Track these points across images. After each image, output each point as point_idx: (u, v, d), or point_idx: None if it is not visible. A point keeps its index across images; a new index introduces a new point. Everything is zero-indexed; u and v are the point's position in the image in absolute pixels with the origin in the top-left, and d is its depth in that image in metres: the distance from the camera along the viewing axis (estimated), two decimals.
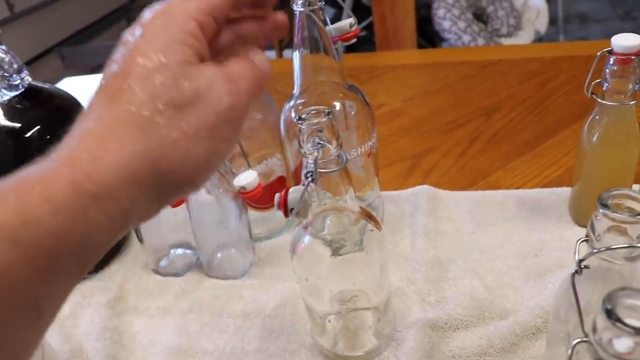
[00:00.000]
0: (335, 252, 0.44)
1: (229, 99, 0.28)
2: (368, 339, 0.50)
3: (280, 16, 0.33)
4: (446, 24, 2.29)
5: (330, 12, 3.00)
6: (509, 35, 2.45)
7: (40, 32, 2.76)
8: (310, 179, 0.39)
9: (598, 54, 0.54)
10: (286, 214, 0.41)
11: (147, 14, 0.30)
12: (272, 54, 2.64)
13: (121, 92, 0.27)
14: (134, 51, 0.28)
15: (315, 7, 0.52)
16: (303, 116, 0.40)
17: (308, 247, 0.45)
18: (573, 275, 0.35)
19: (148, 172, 0.26)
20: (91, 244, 0.25)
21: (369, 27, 2.33)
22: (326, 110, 0.40)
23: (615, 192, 0.35)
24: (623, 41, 0.52)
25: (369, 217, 0.45)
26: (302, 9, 0.52)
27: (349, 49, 2.50)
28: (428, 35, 2.49)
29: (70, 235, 0.24)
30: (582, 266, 0.35)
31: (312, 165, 0.39)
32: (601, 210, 0.35)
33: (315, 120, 0.39)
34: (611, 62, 0.53)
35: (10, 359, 0.24)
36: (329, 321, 0.50)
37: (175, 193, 0.28)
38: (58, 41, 2.89)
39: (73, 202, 0.24)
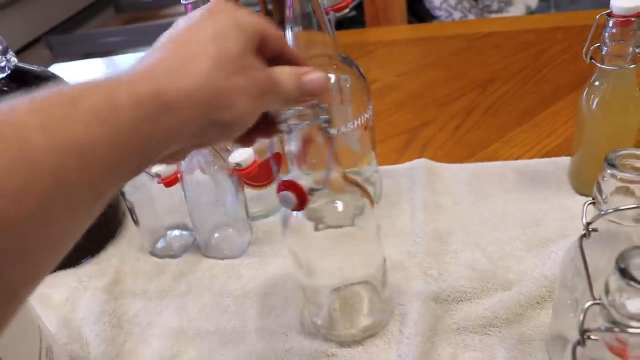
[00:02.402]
0: (322, 225, 0.44)
1: (267, 84, 0.34)
2: (364, 317, 0.50)
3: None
4: (436, 1, 2.27)
5: None
6: (499, 10, 2.43)
7: (27, 22, 2.73)
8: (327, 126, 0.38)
9: (597, 17, 0.53)
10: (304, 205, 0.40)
11: (220, 3, 0.35)
12: None
13: (197, 39, 0.32)
14: (208, 17, 0.33)
15: None
16: None
17: (298, 221, 0.44)
18: (581, 238, 0.34)
19: (209, 101, 0.31)
20: (149, 147, 0.29)
21: (359, 7, 2.30)
22: None
23: (622, 152, 0.35)
24: (623, 2, 0.50)
25: (356, 185, 0.44)
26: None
27: (338, 28, 2.48)
28: (418, 13, 2.46)
29: (141, 130, 0.28)
30: (590, 229, 0.35)
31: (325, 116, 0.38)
32: (608, 171, 0.34)
33: None
34: (610, 25, 0.52)
35: (71, 230, 0.26)
36: (324, 299, 0.49)
37: (215, 132, 0.33)
38: (45, 30, 2.86)
39: (152, 103, 0.28)
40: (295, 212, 0.42)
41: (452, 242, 0.57)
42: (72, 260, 0.62)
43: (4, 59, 0.58)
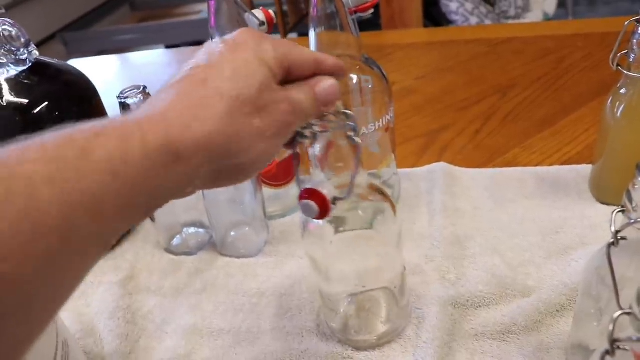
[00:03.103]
0: (343, 229, 0.43)
1: (287, 117, 0.33)
2: (381, 324, 0.49)
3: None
4: (453, 6, 2.26)
5: None
6: (516, 17, 2.42)
7: (42, 18, 2.74)
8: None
9: (626, 23, 0.52)
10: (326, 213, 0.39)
11: (244, 34, 0.34)
12: (276, 37, 2.62)
13: (213, 79, 0.31)
14: (227, 52, 0.32)
15: None
16: None
17: (317, 226, 0.43)
18: (609, 247, 0.34)
19: (219, 149, 0.30)
20: (157, 196, 0.29)
21: (375, 9, 2.30)
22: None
23: None
24: None
25: (380, 193, 0.44)
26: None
27: None
28: (434, 17, 2.46)
29: (151, 181, 0.27)
30: (619, 238, 0.34)
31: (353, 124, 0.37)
32: None
33: None
34: (639, 32, 0.51)
35: (76, 279, 0.26)
36: (342, 304, 0.49)
37: (229, 176, 0.33)
38: (61, 27, 2.87)
39: (162, 154, 0.27)
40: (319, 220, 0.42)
41: (471, 247, 0.56)
42: None
43: (25, 51, 0.58)
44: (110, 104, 0.52)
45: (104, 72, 1.20)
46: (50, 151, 0.24)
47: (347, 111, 0.38)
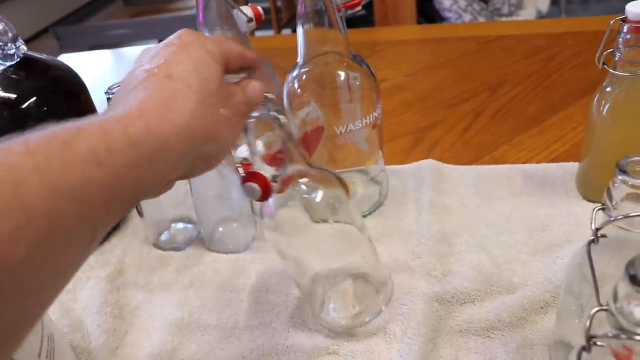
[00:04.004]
0: (302, 215, 0.44)
1: (243, 106, 0.37)
2: (355, 305, 0.50)
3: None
4: (446, 3, 2.26)
5: None
6: (510, 14, 2.42)
7: (35, 12, 2.73)
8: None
9: (611, 22, 0.52)
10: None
11: (187, 34, 0.36)
12: (270, 32, 2.61)
13: (178, 74, 0.32)
14: (180, 50, 0.34)
15: None
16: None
17: (273, 214, 0.44)
18: (589, 244, 0.34)
19: (199, 136, 0.32)
20: (142, 186, 0.29)
21: (368, 6, 2.30)
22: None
23: (634, 159, 0.34)
24: (638, 8, 0.50)
25: (329, 175, 0.45)
26: None
27: (348, 26, 2.48)
28: (428, 14, 2.46)
29: (137, 170, 0.28)
30: (599, 235, 0.34)
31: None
32: (619, 177, 0.34)
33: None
34: (625, 31, 0.51)
35: (66, 269, 0.27)
36: (312, 288, 0.49)
37: (204, 163, 0.34)
38: (54, 21, 2.86)
39: (144, 144, 0.28)
40: (267, 204, 0.43)
41: (457, 244, 0.56)
42: None
43: (13, 46, 0.58)
44: (102, 99, 0.52)
45: (96, 67, 1.20)
46: (33, 146, 0.25)
47: (268, 95, 0.39)
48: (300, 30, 0.54)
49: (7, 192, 0.23)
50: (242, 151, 0.53)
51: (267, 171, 0.40)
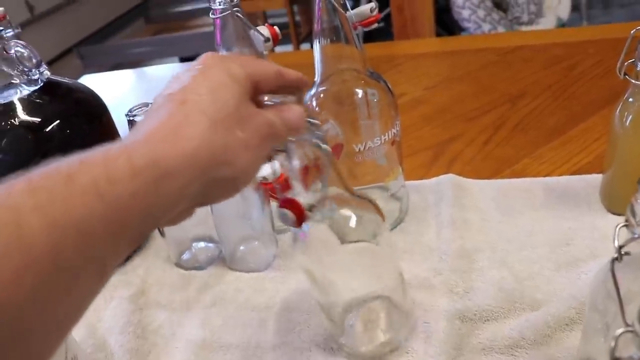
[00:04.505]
0: (337, 240, 0.44)
1: (267, 129, 0.35)
2: (382, 332, 0.49)
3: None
4: (465, 13, 2.26)
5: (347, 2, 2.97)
6: (530, 22, 2.41)
7: (59, 33, 2.79)
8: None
9: (632, 32, 0.52)
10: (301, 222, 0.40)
11: (210, 58, 0.35)
12: (289, 47, 2.63)
13: (193, 99, 0.32)
14: (200, 75, 0.33)
15: None
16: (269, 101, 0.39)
17: (306, 237, 0.44)
18: (612, 262, 0.33)
19: (207, 162, 0.31)
20: (151, 215, 0.29)
21: (387, 18, 2.30)
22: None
23: None
24: None
25: (366, 201, 0.44)
26: None
27: (367, 39, 2.48)
28: (447, 24, 2.45)
29: (142, 200, 0.27)
30: (623, 253, 0.34)
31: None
32: None
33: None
34: None
35: (74, 307, 0.26)
36: (340, 315, 0.49)
37: (219, 191, 0.34)
38: (77, 41, 2.92)
39: (149, 172, 0.28)
40: (303, 229, 0.43)
41: (479, 260, 0.56)
42: None
43: (37, 72, 0.59)
44: (124, 119, 0.53)
45: (118, 87, 1.21)
46: (35, 182, 0.25)
47: (312, 120, 0.39)
48: (317, 48, 0.54)
49: (8, 233, 0.23)
50: (263, 170, 0.53)
51: (305, 199, 0.40)
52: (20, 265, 0.23)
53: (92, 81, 1.26)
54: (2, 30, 0.57)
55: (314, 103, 0.56)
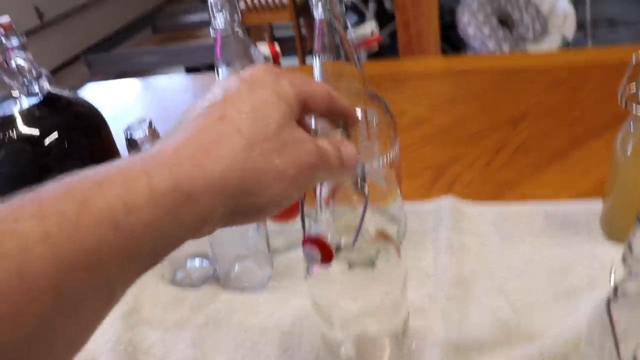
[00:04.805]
0: (348, 267, 0.42)
1: (312, 158, 0.31)
2: None
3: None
4: (471, 30, 2.26)
5: (352, 18, 2.99)
6: (535, 40, 2.41)
7: (68, 40, 2.81)
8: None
9: (633, 57, 0.51)
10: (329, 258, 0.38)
11: (261, 70, 0.33)
12: (294, 60, 2.64)
13: (232, 116, 0.30)
14: (245, 89, 0.31)
15: (337, 13, 0.50)
16: (317, 129, 0.38)
17: (322, 270, 0.42)
18: (609, 301, 0.33)
19: (234, 188, 0.28)
20: (168, 240, 0.27)
21: (392, 35, 2.31)
22: (341, 122, 0.38)
23: None
24: None
25: (385, 237, 0.43)
26: (323, 16, 0.50)
27: (372, 56, 2.49)
28: (452, 41, 2.46)
29: (159, 227, 0.26)
30: (619, 292, 0.33)
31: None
32: None
33: (329, 135, 0.37)
34: None
35: (79, 335, 0.26)
36: (343, 348, 0.48)
37: (245, 216, 0.31)
38: (85, 48, 2.94)
39: (170, 198, 0.26)
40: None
41: (476, 287, 0.55)
42: None
43: (37, 85, 0.59)
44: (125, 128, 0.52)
45: (122, 96, 1.21)
46: (46, 206, 0.24)
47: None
48: (316, 66, 0.54)
49: (11, 265, 0.22)
50: None
51: (333, 237, 0.38)
52: (21, 300, 0.22)
53: (97, 89, 1.26)
54: (7, 39, 0.58)
55: (312, 122, 0.55)
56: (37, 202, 0.24)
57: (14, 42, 0.59)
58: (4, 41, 0.57)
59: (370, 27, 0.52)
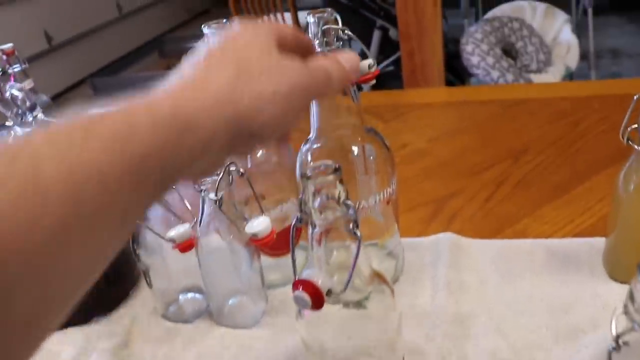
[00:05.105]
0: (341, 307, 0.41)
1: (302, 78, 0.34)
2: None
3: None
4: (474, 60, 2.27)
5: (357, 46, 3.00)
6: (538, 71, 2.41)
7: (75, 63, 2.84)
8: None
9: (635, 97, 0.50)
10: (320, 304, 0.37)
11: (236, 20, 0.36)
12: None
13: (217, 55, 0.33)
14: (236, 33, 0.34)
15: (333, 47, 0.50)
16: (309, 173, 0.37)
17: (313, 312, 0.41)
18: (610, 353, 0.31)
19: (230, 113, 0.30)
20: (172, 166, 0.29)
21: (397, 62, 2.31)
22: (334, 166, 0.37)
23: None
24: None
25: (379, 278, 0.42)
26: (319, 50, 0.50)
27: (375, 86, 2.49)
28: (456, 70, 2.47)
29: (162, 151, 0.28)
30: (621, 342, 0.32)
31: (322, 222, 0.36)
32: None
33: (321, 179, 0.36)
34: None
35: (94, 256, 0.27)
36: None
37: (245, 143, 0.33)
38: (92, 72, 2.96)
39: (171, 124, 0.28)
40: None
41: (474, 326, 0.54)
42: (83, 318, 0.61)
43: (31, 115, 0.59)
44: None
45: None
46: (54, 132, 0.26)
47: (348, 202, 0.37)
48: (314, 104, 0.53)
49: (25, 180, 0.23)
50: (253, 226, 0.52)
51: (324, 282, 0.37)
52: (35, 212, 0.23)
53: None
54: (10, 65, 0.58)
55: (309, 157, 0.54)
56: (45, 132, 0.26)
57: (16, 68, 0.59)
58: (6, 67, 0.58)
59: (367, 63, 0.51)
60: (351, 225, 0.37)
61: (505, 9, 2.58)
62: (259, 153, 0.58)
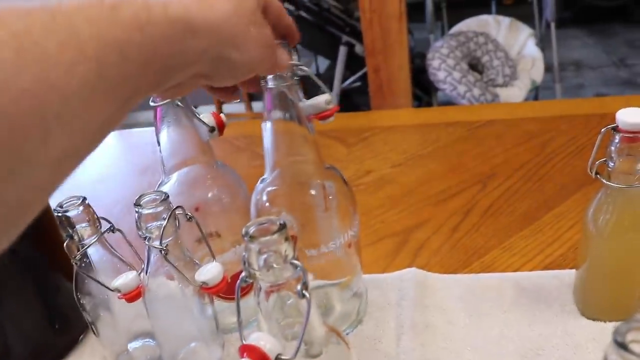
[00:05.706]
0: None
1: (271, 40, 0.40)
2: None
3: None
4: (441, 75, 2.26)
5: (324, 62, 2.99)
6: (504, 85, 2.42)
7: None
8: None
9: (602, 130, 0.48)
10: None
11: None
12: (241, 106, 2.59)
13: None
14: None
15: (289, 82, 0.47)
16: (251, 232, 0.34)
17: None
18: None
19: (225, 36, 0.35)
20: (173, 63, 0.32)
21: (363, 78, 2.30)
22: (279, 222, 0.34)
23: (634, 325, 0.29)
24: (630, 117, 0.46)
25: (334, 333, 0.39)
26: (274, 85, 0.47)
27: (344, 98, 2.47)
28: (423, 85, 2.46)
29: (171, 45, 0.31)
30: None
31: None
32: (616, 350, 0.28)
33: (265, 239, 0.33)
34: (617, 140, 0.47)
35: (100, 131, 0.29)
36: None
37: (224, 67, 0.37)
38: None
39: (180, 24, 0.31)
40: None
41: None
42: None
43: None
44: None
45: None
46: (85, 5, 0.27)
47: (295, 262, 0.34)
48: (267, 138, 0.50)
49: (64, 33, 0.26)
50: (203, 274, 0.48)
51: (273, 346, 0.34)
52: (74, 60, 0.26)
53: None
54: None
55: (264, 198, 0.51)
56: (76, 3, 0.27)
57: None
58: None
59: (324, 99, 0.48)
60: (299, 287, 0.34)
61: (470, 24, 2.59)
62: (211, 193, 0.54)
